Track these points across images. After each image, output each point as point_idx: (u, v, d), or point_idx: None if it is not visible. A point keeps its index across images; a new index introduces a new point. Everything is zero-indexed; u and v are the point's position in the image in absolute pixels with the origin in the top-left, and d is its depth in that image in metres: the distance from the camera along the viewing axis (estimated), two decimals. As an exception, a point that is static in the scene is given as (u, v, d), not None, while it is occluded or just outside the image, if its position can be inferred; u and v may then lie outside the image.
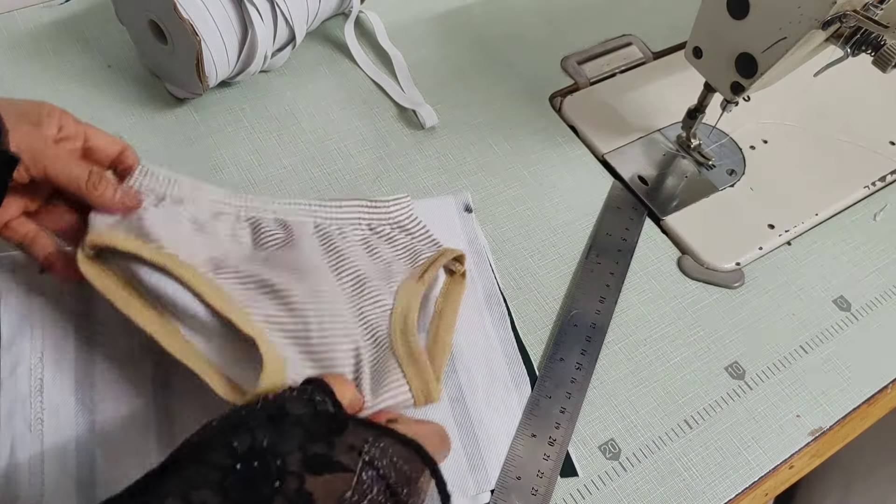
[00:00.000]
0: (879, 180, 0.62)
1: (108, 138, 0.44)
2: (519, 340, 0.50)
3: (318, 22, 0.63)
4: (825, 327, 0.54)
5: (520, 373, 0.48)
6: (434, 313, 0.47)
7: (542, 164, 0.61)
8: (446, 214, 0.55)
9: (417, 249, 0.49)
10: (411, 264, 0.48)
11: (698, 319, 0.53)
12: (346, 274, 0.45)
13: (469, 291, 0.50)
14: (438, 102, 0.63)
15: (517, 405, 0.47)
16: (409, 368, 0.41)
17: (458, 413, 0.46)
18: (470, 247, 0.54)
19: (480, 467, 0.44)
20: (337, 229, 0.48)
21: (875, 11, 0.44)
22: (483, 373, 0.48)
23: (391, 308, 0.44)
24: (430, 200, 0.56)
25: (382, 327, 0.43)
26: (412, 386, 0.41)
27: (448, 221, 0.55)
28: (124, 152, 0.44)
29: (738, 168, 0.62)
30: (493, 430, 0.46)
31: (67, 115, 0.42)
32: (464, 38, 0.69)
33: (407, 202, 0.51)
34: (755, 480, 0.47)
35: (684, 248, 0.57)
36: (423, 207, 0.53)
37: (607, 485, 0.45)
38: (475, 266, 0.53)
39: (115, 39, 0.63)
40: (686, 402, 0.49)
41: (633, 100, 0.65)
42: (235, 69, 0.58)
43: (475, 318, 0.50)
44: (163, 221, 0.43)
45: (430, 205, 0.55)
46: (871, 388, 0.52)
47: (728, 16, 0.50)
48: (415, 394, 0.41)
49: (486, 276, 0.52)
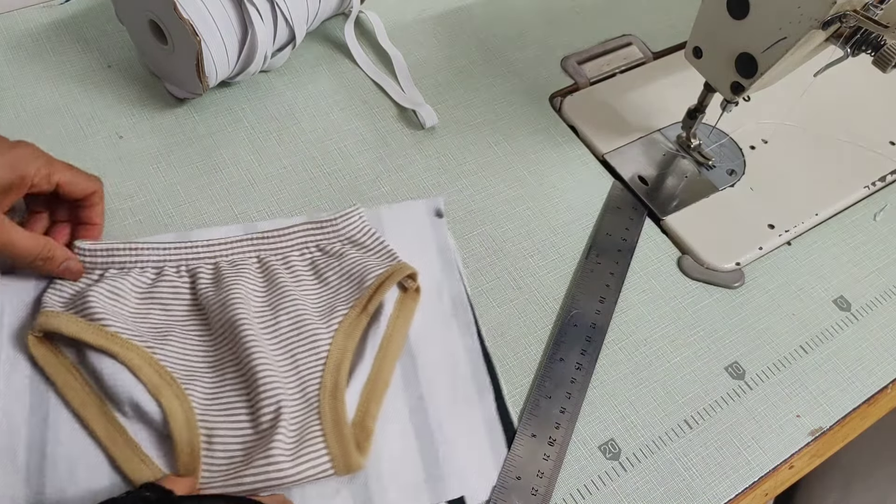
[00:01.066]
0: (879, 180, 0.62)
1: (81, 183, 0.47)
2: (484, 349, 0.49)
3: (318, 22, 0.63)
4: (825, 327, 0.54)
5: (483, 382, 0.47)
6: (383, 338, 0.47)
7: (542, 164, 0.61)
8: (417, 220, 0.55)
9: (369, 266, 0.49)
10: (359, 285, 0.48)
11: (698, 319, 0.53)
12: (284, 314, 0.46)
13: (435, 299, 0.50)
14: (438, 102, 0.63)
15: (480, 415, 0.46)
16: (331, 436, 0.42)
17: (417, 422, 0.45)
18: (439, 254, 0.53)
19: (438, 477, 0.43)
20: (282, 259, 0.49)
21: (875, 11, 0.44)
22: (445, 382, 0.47)
23: (325, 357, 0.45)
24: (400, 206, 0.55)
25: (314, 382, 0.44)
26: (333, 455, 0.41)
27: (418, 227, 0.54)
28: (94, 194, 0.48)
29: (738, 168, 0.62)
30: (453, 441, 0.45)
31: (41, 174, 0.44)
32: (464, 38, 0.69)
33: (358, 215, 0.51)
34: (755, 480, 0.47)
35: (684, 248, 0.57)
36: (393, 213, 0.54)
37: (607, 485, 0.45)
38: (443, 273, 0.52)
39: (115, 39, 0.63)
40: (686, 402, 0.49)
41: (633, 100, 0.65)
42: (235, 69, 0.58)
43: (440, 326, 0.49)
44: (107, 297, 0.45)
45: (401, 210, 0.55)
46: (871, 388, 0.52)
47: (728, 16, 0.50)
48: (335, 464, 0.41)
49: (454, 283, 0.52)
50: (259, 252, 0.49)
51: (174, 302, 0.47)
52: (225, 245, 0.48)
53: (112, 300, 0.45)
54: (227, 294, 0.46)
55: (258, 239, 0.49)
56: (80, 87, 0.60)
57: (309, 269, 0.49)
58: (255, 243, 0.49)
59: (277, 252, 0.49)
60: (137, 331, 0.44)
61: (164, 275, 0.47)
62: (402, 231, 0.53)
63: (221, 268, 0.47)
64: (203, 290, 0.47)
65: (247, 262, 0.48)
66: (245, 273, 0.47)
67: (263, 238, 0.49)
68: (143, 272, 0.47)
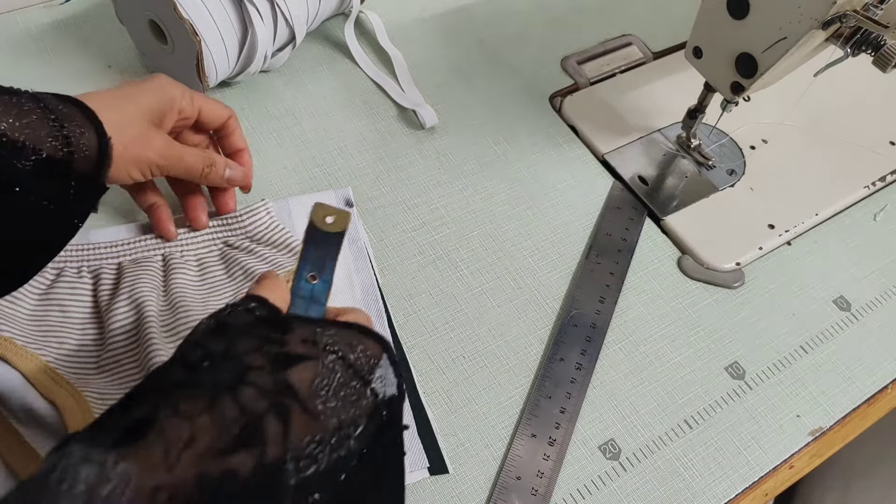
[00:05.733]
0: (879, 180, 0.62)
1: (217, 109, 0.49)
2: (395, 338, 0.49)
3: (318, 22, 0.63)
4: (825, 327, 0.54)
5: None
6: None
7: (542, 164, 0.61)
8: None
9: (277, 263, 0.48)
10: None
11: (698, 319, 0.53)
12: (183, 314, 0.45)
13: (346, 289, 0.50)
14: (438, 102, 0.63)
15: None
16: None
17: None
18: (350, 244, 0.53)
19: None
20: (192, 255, 0.48)
21: (875, 11, 0.44)
22: None
23: None
24: (310, 196, 0.55)
25: None
26: None
27: None
28: (229, 119, 0.50)
29: (738, 168, 0.62)
30: None
31: (185, 97, 0.46)
32: (464, 38, 0.69)
33: (265, 210, 0.51)
34: (755, 480, 0.47)
35: (684, 248, 0.57)
36: (302, 204, 0.54)
37: (607, 485, 0.45)
38: (353, 263, 0.52)
39: (115, 39, 0.63)
40: (686, 402, 0.49)
41: (633, 100, 0.65)
42: (235, 69, 0.58)
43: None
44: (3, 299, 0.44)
45: (311, 200, 0.53)
46: (871, 388, 0.52)
47: (728, 16, 0.50)
48: None
49: (365, 273, 0.52)
50: (164, 250, 0.48)
51: (73, 303, 0.46)
52: (129, 245, 0.48)
53: (8, 302, 0.44)
54: (128, 294, 0.45)
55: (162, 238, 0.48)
56: (81, 87, 0.59)
57: (219, 263, 0.49)
58: (161, 242, 0.48)
59: (184, 250, 0.48)
60: (32, 334, 0.44)
61: (64, 276, 0.46)
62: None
63: (124, 267, 0.47)
64: (103, 291, 0.46)
65: (151, 259, 0.48)
66: (147, 271, 0.47)
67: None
68: (41, 273, 0.46)
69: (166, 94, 0.45)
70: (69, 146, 0.38)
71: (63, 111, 0.38)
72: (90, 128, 0.39)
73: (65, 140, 0.38)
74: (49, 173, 0.37)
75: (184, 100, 0.46)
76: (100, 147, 0.39)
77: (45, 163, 0.37)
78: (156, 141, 0.44)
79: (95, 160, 0.39)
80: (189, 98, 0.46)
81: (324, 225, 0.38)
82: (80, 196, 0.39)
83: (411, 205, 0.57)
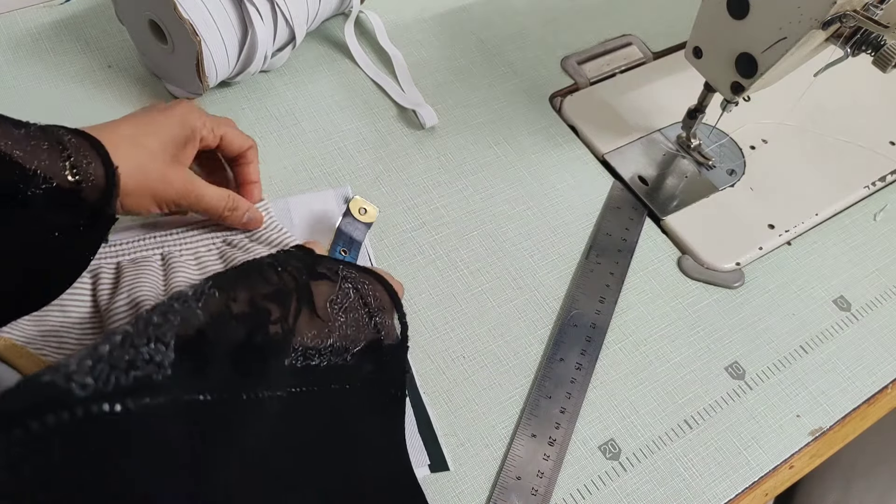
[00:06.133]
0: (879, 180, 0.62)
1: (239, 139, 0.49)
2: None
3: (318, 22, 0.63)
4: (825, 327, 0.54)
5: None
6: None
7: (542, 164, 0.61)
8: (326, 208, 0.55)
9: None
10: None
11: (698, 319, 0.53)
12: None
13: None
14: (438, 102, 0.63)
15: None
16: None
17: None
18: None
19: None
20: (191, 254, 0.48)
21: (875, 11, 0.44)
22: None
23: None
24: (310, 195, 0.55)
25: None
26: None
27: (328, 215, 0.55)
28: (249, 150, 0.50)
29: (738, 168, 0.62)
30: None
31: (207, 126, 0.47)
32: (464, 38, 0.69)
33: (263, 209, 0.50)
34: (755, 480, 0.47)
35: (684, 248, 0.57)
36: (301, 203, 0.54)
37: (607, 485, 0.45)
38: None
39: (115, 39, 0.63)
40: (686, 402, 0.49)
41: (633, 100, 0.65)
42: (235, 69, 0.58)
43: None
44: None
45: (310, 199, 0.55)
46: (871, 388, 0.52)
47: (728, 16, 0.50)
48: None
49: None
50: (163, 249, 0.48)
51: (73, 304, 0.45)
52: (128, 244, 0.47)
53: None
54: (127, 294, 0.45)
55: (162, 237, 0.48)
56: (80, 87, 0.60)
57: (218, 262, 0.48)
58: (160, 241, 0.48)
59: (183, 248, 0.48)
60: (32, 335, 0.43)
61: None
62: (311, 219, 0.53)
63: (123, 267, 0.46)
64: (102, 291, 0.46)
65: (150, 258, 0.47)
66: (146, 271, 0.46)
67: (168, 236, 0.48)
68: None
69: (188, 125, 0.45)
70: (77, 175, 0.39)
71: (72, 142, 0.39)
72: (97, 158, 0.40)
73: (73, 169, 0.39)
74: (60, 202, 0.38)
75: (205, 129, 0.47)
76: (107, 176, 0.40)
77: (56, 192, 0.38)
78: (177, 180, 0.44)
79: (103, 189, 0.40)
80: (210, 128, 0.47)
81: (357, 214, 0.50)
82: (91, 226, 0.40)
83: (411, 205, 0.57)
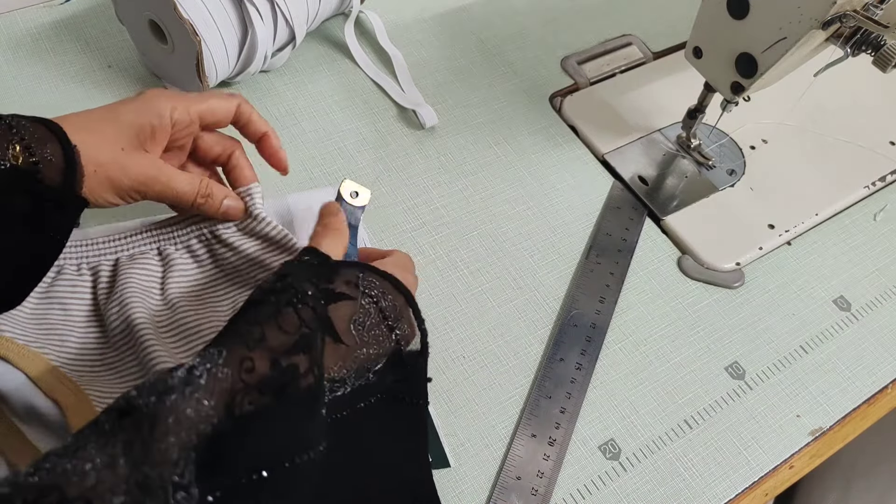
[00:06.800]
0: (879, 180, 0.62)
1: (219, 105, 0.45)
2: None
3: (318, 22, 0.63)
4: (825, 327, 0.54)
5: None
6: None
7: (542, 164, 0.61)
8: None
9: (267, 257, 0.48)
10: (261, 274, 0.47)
11: (698, 319, 0.53)
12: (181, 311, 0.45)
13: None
14: (438, 102, 0.63)
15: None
16: None
17: None
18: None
19: None
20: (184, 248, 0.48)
21: (875, 11, 0.44)
22: None
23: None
24: (310, 192, 0.54)
25: None
26: None
27: None
28: (240, 107, 0.46)
29: (738, 168, 0.62)
30: None
31: (178, 108, 0.43)
32: (464, 38, 0.69)
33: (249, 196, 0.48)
34: (755, 480, 0.47)
35: (684, 248, 0.57)
36: (302, 199, 0.53)
37: (607, 485, 0.45)
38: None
39: (115, 39, 0.63)
40: (686, 402, 0.49)
41: (633, 100, 0.65)
42: (235, 69, 0.58)
43: None
44: None
45: (310, 196, 0.54)
46: (871, 388, 0.52)
47: (728, 16, 0.50)
48: None
49: None
50: (159, 243, 0.47)
51: (73, 301, 0.45)
52: (125, 239, 0.47)
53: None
54: (123, 293, 0.45)
55: (156, 230, 0.47)
56: (80, 87, 0.60)
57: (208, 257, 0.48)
58: (155, 235, 0.47)
59: (177, 241, 0.48)
60: (34, 333, 0.43)
61: (64, 273, 0.46)
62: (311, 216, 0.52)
63: (120, 264, 0.46)
64: (102, 289, 0.45)
65: (146, 254, 0.47)
66: (143, 267, 0.46)
67: (162, 228, 0.48)
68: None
69: (152, 111, 0.42)
70: (32, 156, 0.37)
71: (24, 125, 0.38)
72: (52, 138, 0.38)
73: (26, 150, 0.37)
74: (15, 186, 0.37)
75: (175, 111, 0.43)
76: (65, 156, 0.38)
77: (10, 174, 0.37)
78: (134, 166, 0.41)
79: (63, 169, 0.38)
80: (183, 107, 0.43)
81: (349, 198, 0.47)
82: (55, 210, 0.39)
83: (411, 205, 0.57)
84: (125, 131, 0.41)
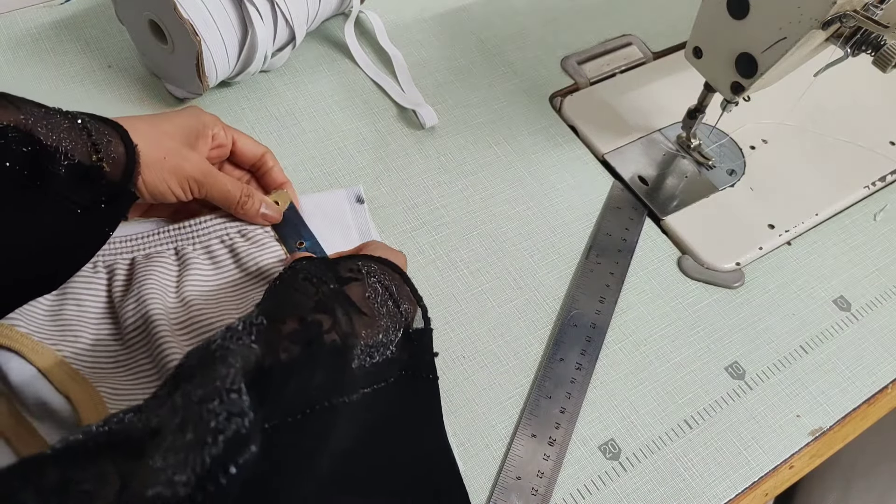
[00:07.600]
0: (879, 180, 0.62)
1: (251, 144, 0.51)
2: None
3: (318, 22, 0.63)
4: (825, 327, 0.54)
5: None
6: None
7: (542, 164, 0.61)
8: (338, 207, 0.55)
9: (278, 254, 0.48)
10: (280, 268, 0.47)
11: (698, 319, 0.53)
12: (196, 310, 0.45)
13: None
14: (438, 102, 0.63)
15: None
16: None
17: None
18: (360, 238, 0.53)
19: None
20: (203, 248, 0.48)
21: (875, 11, 0.44)
22: None
23: None
24: (322, 194, 0.55)
25: None
26: None
27: (340, 213, 0.54)
28: (264, 155, 0.51)
29: (738, 168, 0.62)
30: None
31: (218, 125, 0.48)
32: (464, 38, 0.69)
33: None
34: (755, 480, 0.47)
35: (684, 248, 0.57)
36: (314, 201, 0.54)
37: (607, 485, 0.45)
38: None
39: (115, 39, 0.63)
40: (686, 402, 0.49)
41: (633, 100, 0.65)
42: (235, 69, 0.58)
43: None
44: None
45: (322, 198, 0.55)
46: (871, 388, 0.52)
47: (728, 16, 0.50)
48: None
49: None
50: (177, 243, 0.48)
51: (88, 298, 0.45)
52: (143, 239, 0.47)
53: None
54: (140, 291, 0.45)
55: (175, 230, 0.48)
56: (80, 87, 0.60)
57: (229, 256, 0.48)
58: (173, 235, 0.48)
59: (197, 242, 0.48)
60: (48, 329, 0.43)
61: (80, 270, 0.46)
62: (323, 217, 0.53)
63: (137, 262, 0.46)
64: (117, 287, 0.46)
65: (163, 254, 0.47)
66: (160, 266, 0.46)
67: (181, 229, 0.48)
68: None
69: (198, 118, 0.47)
70: (98, 153, 0.41)
71: (91, 122, 0.41)
72: (116, 136, 0.42)
73: (94, 147, 0.40)
74: (81, 179, 0.40)
75: (217, 126, 0.48)
76: (127, 153, 0.41)
77: (77, 168, 0.40)
78: (193, 157, 0.45)
79: (124, 166, 0.41)
80: (222, 126, 0.48)
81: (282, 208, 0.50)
82: (111, 203, 0.42)
83: (411, 205, 0.57)
84: (179, 130, 0.46)
